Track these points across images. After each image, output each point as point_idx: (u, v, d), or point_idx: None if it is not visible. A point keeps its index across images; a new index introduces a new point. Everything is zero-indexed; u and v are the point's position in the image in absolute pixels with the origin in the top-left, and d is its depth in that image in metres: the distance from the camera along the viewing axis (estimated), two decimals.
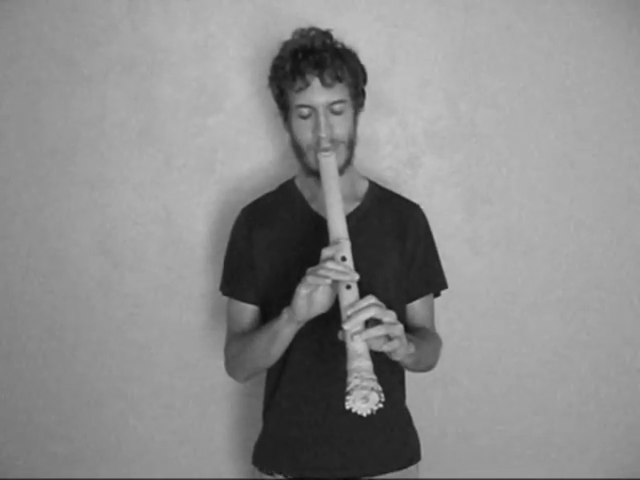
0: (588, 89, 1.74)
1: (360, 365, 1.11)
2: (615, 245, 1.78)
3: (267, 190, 1.54)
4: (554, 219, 1.77)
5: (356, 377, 1.10)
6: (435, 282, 1.51)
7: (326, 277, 1.15)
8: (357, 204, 1.45)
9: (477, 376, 1.81)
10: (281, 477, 1.41)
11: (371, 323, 1.15)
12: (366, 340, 1.14)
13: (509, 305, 1.79)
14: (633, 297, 1.79)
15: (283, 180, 1.54)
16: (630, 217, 1.77)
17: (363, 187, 1.49)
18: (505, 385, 1.81)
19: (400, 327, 1.18)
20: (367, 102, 1.44)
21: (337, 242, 1.22)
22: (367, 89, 1.43)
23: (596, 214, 1.77)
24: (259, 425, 1.50)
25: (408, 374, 1.47)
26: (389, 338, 1.18)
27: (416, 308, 1.46)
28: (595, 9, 1.71)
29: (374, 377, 1.11)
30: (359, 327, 1.14)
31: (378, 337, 1.16)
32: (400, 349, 1.19)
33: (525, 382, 1.81)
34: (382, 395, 1.11)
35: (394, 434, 1.43)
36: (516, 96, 1.74)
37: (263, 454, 1.45)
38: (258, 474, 1.46)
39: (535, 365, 1.80)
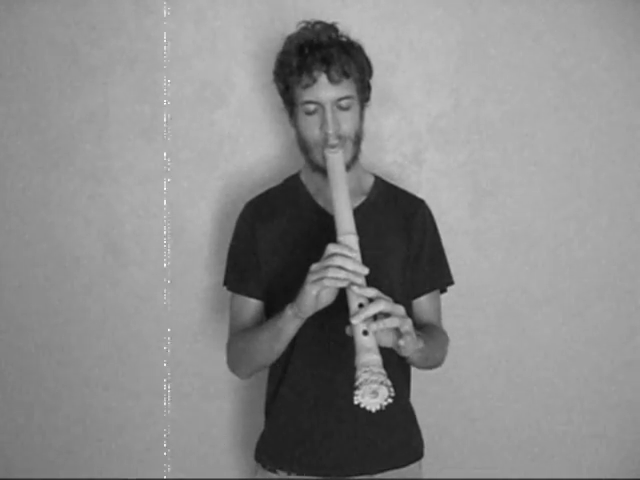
0: (594, 84, 1.73)
1: (369, 359, 1.09)
2: (621, 241, 1.77)
3: (271, 184, 1.54)
4: (559, 214, 1.77)
5: (365, 371, 1.08)
6: (441, 278, 1.50)
7: (337, 279, 1.15)
8: (363, 199, 1.44)
9: (480, 373, 1.80)
10: (284, 474, 1.40)
11: (379, 318, 1.14)
12: (375, 334, 1.13)
13: (513, 301, 1.78)
14: (639, 294, 1.78)
15: (288, 174, 1.54)
16: (636, 213, 1.77)
17: (369, 182, 1.48)
18: (508, 382, 1.80)
19: (409, 321, 1.17)
20: (372, 97, 1.44)
21: (344, 237, 1.21)
22: (372, 84, 1.42)
23: (601, 210, 1.77)
24: (262, 420, 1.49)
25: (412, 371, 1.46)
26: (398, 333, 1.17)
27: (422, 304, 1.46)
28: (603, 5, 1.70)
29: (383, 372, 1.09)
30: (368, 321, 1.13)
31: (387, 331, 1.15)
32: (409, 344, 1.18)
33: (529, 379, 1.80)
34: (392, 390, 1.09)
35: (398, 431, 1.42)
36: (521, 91, 1.73)
37: (266, 451, 1.44)
38: (261, 471, 1.45)
39: (539, 362, 1.80)
